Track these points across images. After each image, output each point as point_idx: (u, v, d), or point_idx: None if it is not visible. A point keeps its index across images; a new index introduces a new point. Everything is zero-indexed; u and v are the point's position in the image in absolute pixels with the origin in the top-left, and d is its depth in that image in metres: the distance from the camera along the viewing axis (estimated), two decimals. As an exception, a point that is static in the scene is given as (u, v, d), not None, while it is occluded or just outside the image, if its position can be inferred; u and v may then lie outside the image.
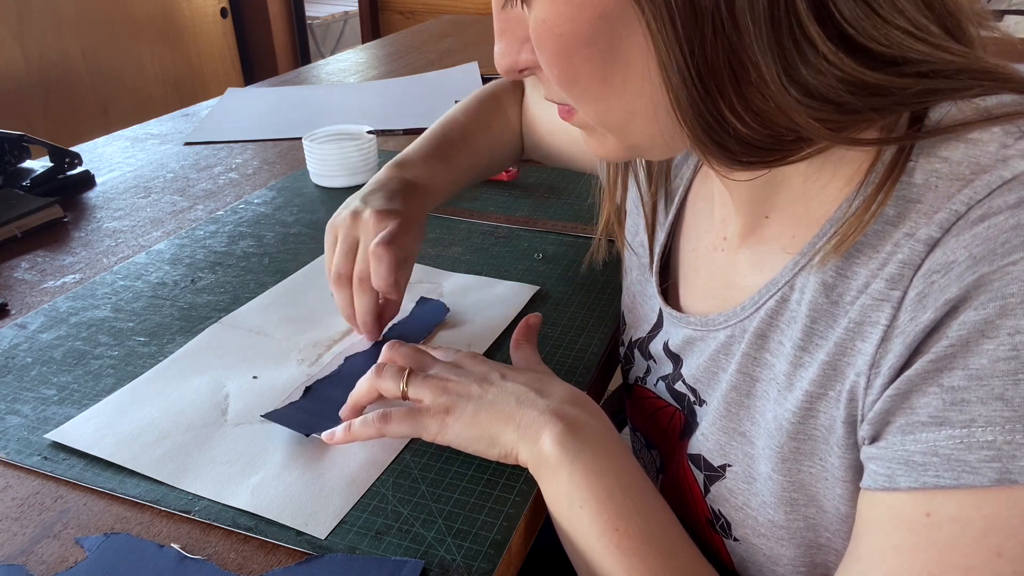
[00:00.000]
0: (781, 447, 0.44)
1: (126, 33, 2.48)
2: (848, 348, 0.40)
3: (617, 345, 0.69)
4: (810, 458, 0.44)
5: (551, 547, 0.84)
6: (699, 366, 0.52)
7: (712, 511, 0.51)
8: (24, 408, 0.59)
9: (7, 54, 2.13)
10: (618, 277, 0.77)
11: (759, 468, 0.47)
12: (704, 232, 0.56)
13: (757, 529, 0.48)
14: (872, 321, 0.39)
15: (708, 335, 0.52)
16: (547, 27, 0.39)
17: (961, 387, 0.34)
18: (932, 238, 0.37)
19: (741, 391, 0.48)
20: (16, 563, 0.46)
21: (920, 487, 0.35)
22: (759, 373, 0.47)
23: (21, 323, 0.71)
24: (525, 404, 0.50)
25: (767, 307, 0.46)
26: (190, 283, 0.78)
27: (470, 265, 0.80)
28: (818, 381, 0.42)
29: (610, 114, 0.42)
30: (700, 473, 0.52)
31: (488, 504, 0.50)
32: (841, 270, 0.41)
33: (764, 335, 0.46)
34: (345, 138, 1.04)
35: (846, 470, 0.42)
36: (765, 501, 0.47)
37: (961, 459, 0.34)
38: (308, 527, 0.48)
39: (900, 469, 0.36)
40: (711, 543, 0.53)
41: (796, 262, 0.44)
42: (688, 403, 0.54)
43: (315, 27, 4.00)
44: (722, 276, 0.52)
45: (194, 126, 1.28)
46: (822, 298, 0.42)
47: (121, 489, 0.51)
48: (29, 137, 1.00)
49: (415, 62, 1.69)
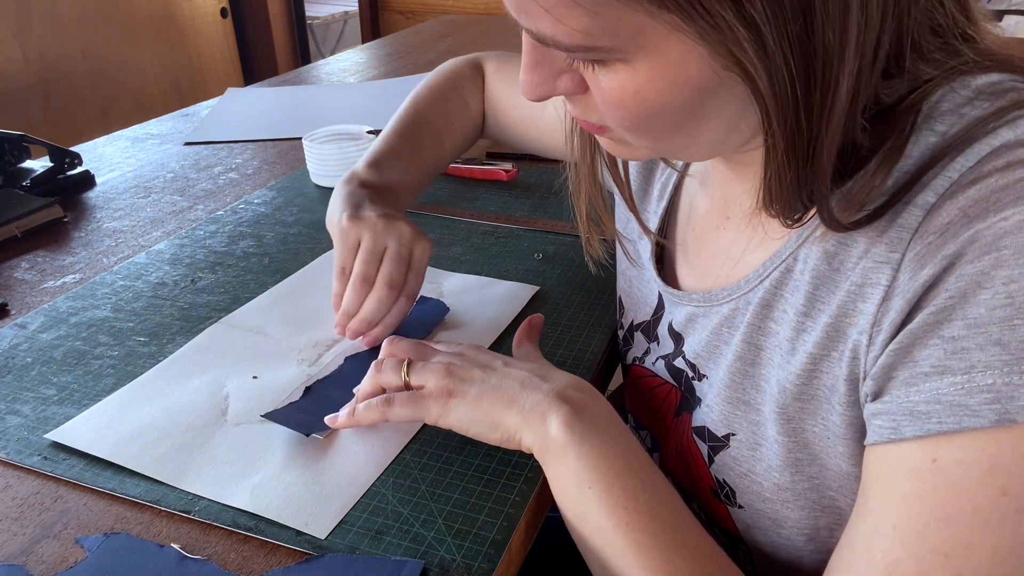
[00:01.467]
0: (785, 408, 0.46)
1: (126, 33, 2.48)
2: (850, 309, 0.42)
3: (616, 345, 0.69)
4: (813, 417, 0.45)
5: (551, 547, 0.85)
6: (701, 342, 0.53)
7: (716, 481, 0.52)
8: (24, 408, 0.59)
9: (7, 54, 2.13)
10: (617, 276, 0.77)
11: (765, 433, 0.48)
12: (704, 212, 0.56)
13: (762, 494, 0.49)
14: (873, 282, 0.40)
15: (711, 310, 0.52)
16: (632, 94, 0.38)
17: (960, 336, 0.35)
18: (928, 203, 0.38)
19: (746, 360, 0.49)
20: (16, 563, 0.46)
21: (925, 434, 0.36)
22: (764, 342, 0.48)
23: (21, 323, 0.71)
24: (529, 388, 0.50)
25: (772, 278, 0.47)
26: (190, 283, 0.78)
27: (470, 265, 0.80)
28: (821, 343, 0.43)
29: (667, 146, 0.43)
30: (704, 445, 0.52)
31: (488, 504, 0.50)
32: (842, 240, 0.43)
33: (769, 304, 0.47)
34: (345, 138, 1.04)
35: (847, 427, 0.43)
36: (771, 465, 0.48)
37: (963, 403, 0.35)
38: (308, 527, 0.48)
39: (905, 420, 0.37)
40: (716, 512, 0.54)
41: (800, 235, 0.46)
42: (686, 379, 0.55)
43: (315, 27, 4.00)
44: (725, 254, 0.53)
45: (194, 126, 1.28)
46: (824, 265, 0.43)
47: (121, 489, 0.51)
48: (29, 137, 1.00)
49: (415, 62, 1.69)
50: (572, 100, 0.43)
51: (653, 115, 0.39)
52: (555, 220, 0.90)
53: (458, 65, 0.84)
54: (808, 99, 0.36)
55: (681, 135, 0.41)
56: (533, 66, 0.42)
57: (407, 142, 0.76)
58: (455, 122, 0.82)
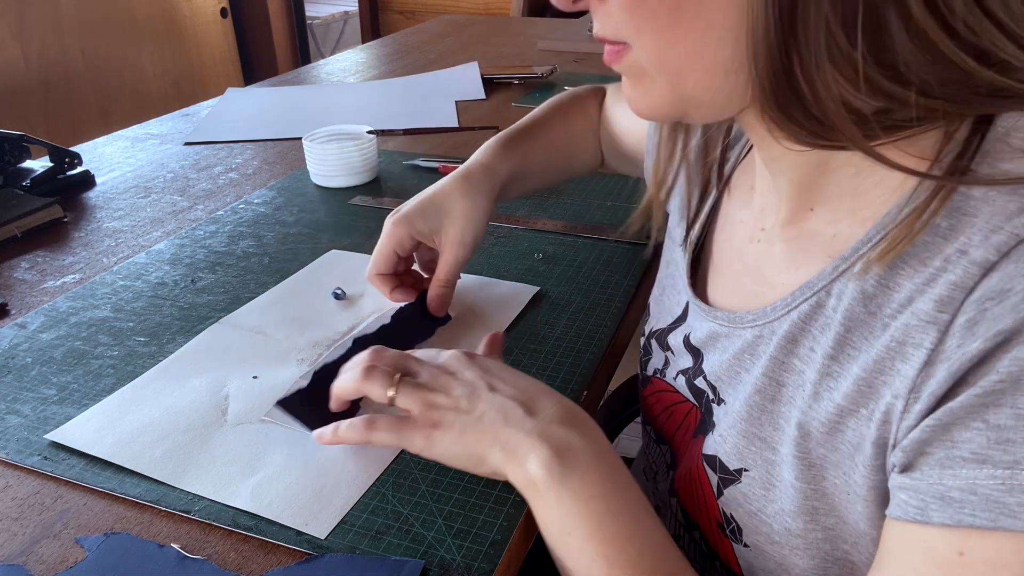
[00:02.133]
0: (807, 454, 0.43)
1: (126, 33, 2.48)
2: (887, 367, 0.39)
3: (617, 344, 0.69)
4: (835, 468, 0.42)
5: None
6: (722, 363, 0.51)
7: (724, 515, 0.50)
8: (24, 408, 0.59)
9: (7, 54, 2.13)
10: (618, 277, 0.78)
11: (780, 475, 0.45)
12: (740, 223, 0.54)
13: (771, 536, 0.47)
14: (916, 343, 0.37)
15: (734, 332, 0.50)
16: None
17: (1008, 426, 0.33)
18: (988, 261, 0.35)
19: (766, 395, 0.46)
20: (16, 563, 0.46)
21: (955, 524, 0.34)
22: (786, 379, 0.45)
23: (21, 323, 0.71)
24: (512, 423, 0.47)
25: (800, 310, 0.44)
26: (190, 283, 0.78)
27: (470, 265, 0.80)
28: (851, 396, 0.40)
29: (673, 50, 0.39)
30: (715, 475, 0.50)
31: (488, 504, 0.50)
32: (884, 280, 0.39)
33: (795, 339, 0.45)
34: (345, 138, 1.04)
35: (869, 490, 0.41)
36: (783, 509, 0.45)
37: (1001, 501, 0.33)
38: (308, 527, 0.48)
39: (934, 503, 0.35)
40: (719, 546, 0.52)
41: (836, 267, 0.43)
42: (706, 400, 0.53)
43: (315, 27, 4.00)
44: (755, 269, 0.51)
45: (194, 126, 1.28)
46: (859, 307, 0.41)
47: (121, 489, 0.51)
48: (29, 137, 1.00)
49: (415, 62, 1.69)
50: (595, 12, 0.42)
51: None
52: (555, 220, 0.90)
53: (582, 87, 0.85)
54: None
55: (681, 45, 0.39)
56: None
57: (510, 131, 0.77)
58: (570, 116, 0.82)
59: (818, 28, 0.34)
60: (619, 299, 0.74)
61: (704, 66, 0.39)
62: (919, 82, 0.35)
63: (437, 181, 0.70)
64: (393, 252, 0.68)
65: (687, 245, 0.59)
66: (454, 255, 0.68)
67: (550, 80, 1.48)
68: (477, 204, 0.68)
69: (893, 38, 0.34)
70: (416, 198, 0.69)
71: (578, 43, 1.74)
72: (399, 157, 1.11)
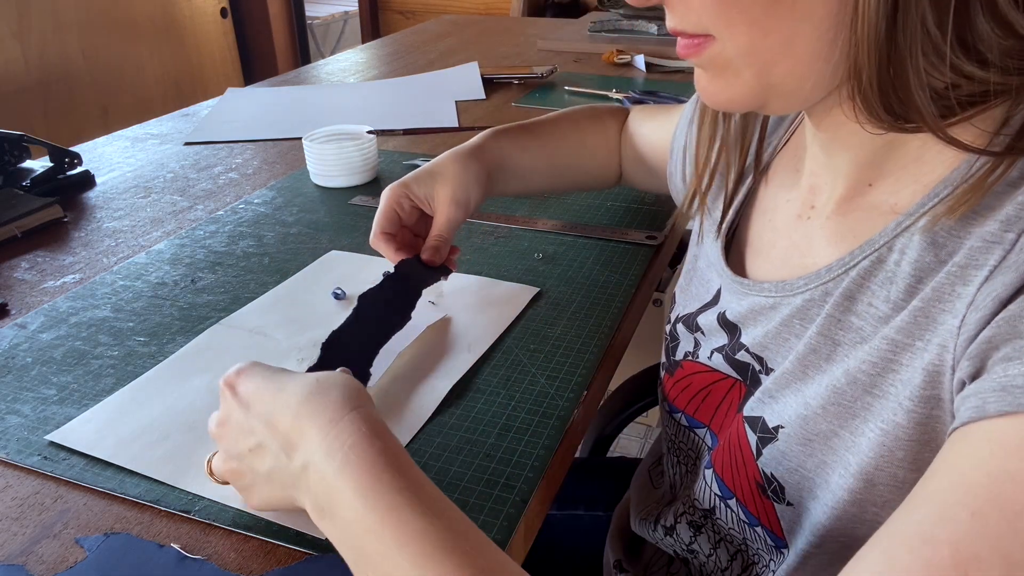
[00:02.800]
0: (853, 402, 0.42)
1: (126, 33, 2.48)
2: (946, 292, 0.38)
3: (617, 344, 0.69)
4: (876, 418, 0.41)
5: (551, 547, 0.85)
6: (767, 333, 0.50)
7: (764, 475, 0.49)
8: (24, 408, 0.59)
9: (7, 54, 2.13)
10: (618, 277, 0.78)
11: (819, 427, 0.45)
12: (785, 202, 0.54)
13: (813, 492, 0.46)
14: (978, 263, 0.36)
15: (782, 301, 0.49)
16: None
17: None
18: None
19: (820, 355, 0.45)
20: (16, 563, 0.46)
21: (1014, 410, 0.31)
22: (842, 337, 0.44)
23: (21, 323, 0.71)
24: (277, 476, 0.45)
25: (860, 267, 0.44)
26: (190, 283, 0.78)
27: (470, 265, 0.80)
28: (905, 328, 0.39)
29: (766, 40, 0.39)
30: (754, 435, 0.50)
31: (488, 504, 0.50)
32: (954, 231, 0.39)
33: (853, 297, 0.44)
34: (345, 138, 1.04)
35: (914, 427, 0.39)
36: (824, 461, 0.45)
37: None
38: (308, 527, 0.48)
39: (993, 396, 0.33)
40: (761, 511, 0.51)
41: (899, 223, 0.42)
42: (752, 372, 0.52)
43: (315, 27, 4.00)
44: (804, 245, 0.50)
45: (194, 126, 1.28)
46: (930, 256, 0.40)
47: (121, 489, 0.52)
48: (29, 137, 1.00)
49: (415, 62, 1.69)
50: (670, 4, 0.42)
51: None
52: (555, 220, 0.90)
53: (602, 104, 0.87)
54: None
55: (775, 35, 0.38)
56: None
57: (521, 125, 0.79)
58: (583, 125, 0.83)
59: (917, 17, 0.34)
60: (619, 299, 0.74)
61: (797, 55, 0.39)
62: (998, 61, 0.35)
63: None
64: (393, 210, 0.70)
65: (721, 231, 0.58)
66: (446, 215, 0.70)
67: (550, 80, 1.48)
68: (468, 168, 0.72)
69: (974, 22, 0.34)
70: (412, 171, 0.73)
71: (578, 43, 1.74)
72: (399, 157, 1.11)
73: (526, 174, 0.79)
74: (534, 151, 0.79)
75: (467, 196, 0.71)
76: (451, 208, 0.70)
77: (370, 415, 0.44)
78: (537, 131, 0.80)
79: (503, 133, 0.78)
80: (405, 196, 0.70)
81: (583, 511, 0.88)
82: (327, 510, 0.42)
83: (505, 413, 0.59)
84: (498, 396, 0.60)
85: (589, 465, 0.95)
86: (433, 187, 0.71)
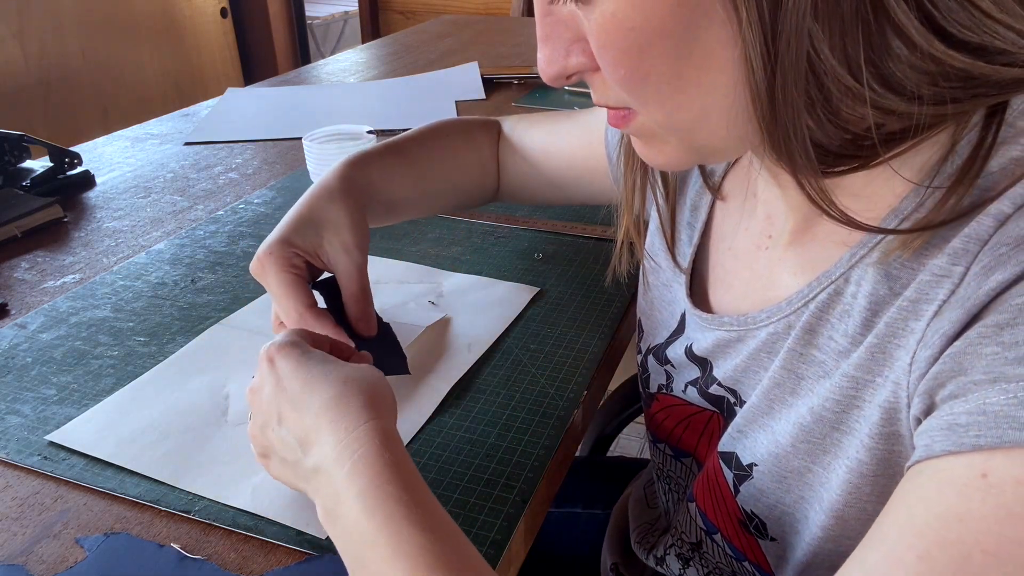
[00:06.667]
0: (820, 440, 0.43)
1: (126, 33, 2.48)
2: (899, 328, 0.38)
3: (617, 344, 0.69)
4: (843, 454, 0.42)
5: (551, 547, 0.85)
6: (736, 367, 0.50)
7: (744, 512, 0.50)
8: (24, 408, 0.59)
9: (7, 54, 2.13)
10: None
11: (790, 464, 0.45)
12: (744, 231, 0.53)
13: (795, 527, 0.46)
14: (928, 298, 0.36)
15: (747, 335, 0.49)
16: (616, 22, 0.36)
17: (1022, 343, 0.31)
18: (1003, 213, 0.34)
19: (785, 388, 0.46)
20: (16, 563, 0.46)
21: (957, 449, 0.32)
22: (805, 370, 0.45)
23: (21, 323, 0.71)
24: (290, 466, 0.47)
25: (818, 300, 0.44)
26: (190, 283, 0.78)
27: (470, 265, 0.80)
28: (864, 365, 0.40)
29: (681, 113, 0.39)
30: (730, 472, 0.50)
31: (488, 504, 0.50)
32: (908, 262, 0.39)
33: (813, 330, 0.44)
34: (345, 138, 1.04)
35: (877, 463, 0.40)
36: (802, 497, 0.45)
37: (1012, 415, 0.30)
38: (308, 527, 0.48)
39: (939, 435, 0.33)
40: (746, 546, 0.51)
41: (853, 253, 0.42)
42: (728, 405, 0.52)
43: (315, 27, 4.01)
44: (765, 275, 0.50)
45: (194, 126, 1.28)
46: (884, 289, 0.40)
47: (121, 489, 0.52)
48: (29, 137, 1.00)
49: (415, 62, 1.69)
50: (591, 81, 0.42)
51: (641, 47, 0.36)
52: (555, 220, 0.90)
53: (467, 117, 0.79)
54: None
55: (687, 110, 0.39)
56: (544, 40, 0.41)
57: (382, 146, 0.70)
58: (453, 141, 0.75)
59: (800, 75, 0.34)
60: (619, 299, 0.74)
61: (713, 121, 0.39)
62: (926, 91, 0.34)
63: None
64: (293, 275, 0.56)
65: (678, 259, 0.58)
66: (353, 263, 0.59)
67: (550, 80, 1.48)
68: (350, 207, 0.60)
69: (892, 54, 0.33)
70: (278, 226, 0.59)
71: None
72: (399, 157, 1.11)
73: (398, 205, 0.70)
74: (402, 178, 0.69)
75: (363, 236, 0.60)
76: (355, 254, 0.59)
77: (385, 428, 0.45)
78: (404, 152, 0.71)
79: (367, 160, 0.67)
80: (294, 254, 0.57)
81: (581, 508, 0.88)
82: (333, 514, 0.43)
83: (505, 413, 0.59)
84: (498, 396, 0.61)
85: (589, 464, 0.95)
86: (319, 237, 0.58)
